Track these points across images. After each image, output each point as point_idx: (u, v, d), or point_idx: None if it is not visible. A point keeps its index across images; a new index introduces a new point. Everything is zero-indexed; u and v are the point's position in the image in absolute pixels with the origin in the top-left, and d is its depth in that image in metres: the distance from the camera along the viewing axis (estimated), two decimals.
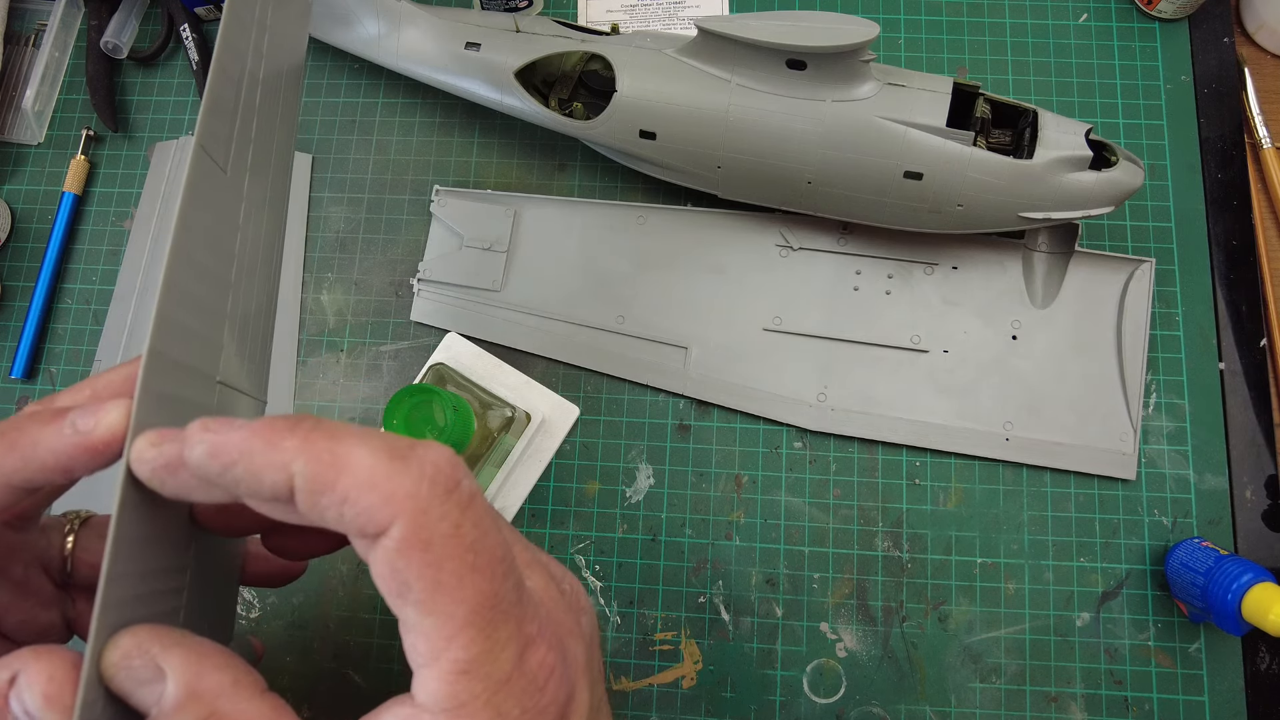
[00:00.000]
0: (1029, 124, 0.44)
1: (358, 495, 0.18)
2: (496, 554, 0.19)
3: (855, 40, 0.39)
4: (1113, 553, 0.47)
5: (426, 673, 0.19)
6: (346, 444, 0.18)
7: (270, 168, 0.30)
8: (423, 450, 0.19)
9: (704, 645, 0.47)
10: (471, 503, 0.19)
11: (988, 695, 0.46)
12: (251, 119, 0.29)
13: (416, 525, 0.18)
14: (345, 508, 0.18)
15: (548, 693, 0.20)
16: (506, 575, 0.20)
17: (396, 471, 0.18)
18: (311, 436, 0.18)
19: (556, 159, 0.55)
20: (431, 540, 0.18)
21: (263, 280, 0.30)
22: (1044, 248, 0.49)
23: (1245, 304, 0.50)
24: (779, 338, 0.50)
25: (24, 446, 0.21)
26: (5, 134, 0.57)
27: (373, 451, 0.18)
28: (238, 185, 0.27)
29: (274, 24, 0.31)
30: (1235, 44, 0.54)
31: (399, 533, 0.18)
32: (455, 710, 0.19)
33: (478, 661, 0.19)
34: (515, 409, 0.48)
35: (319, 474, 0.18)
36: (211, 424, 0.19)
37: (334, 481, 0.18)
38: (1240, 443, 0.48)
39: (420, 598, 0.18)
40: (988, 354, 0.49)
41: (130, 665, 0.19)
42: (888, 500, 0.48)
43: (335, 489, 0.18)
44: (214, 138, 0.25)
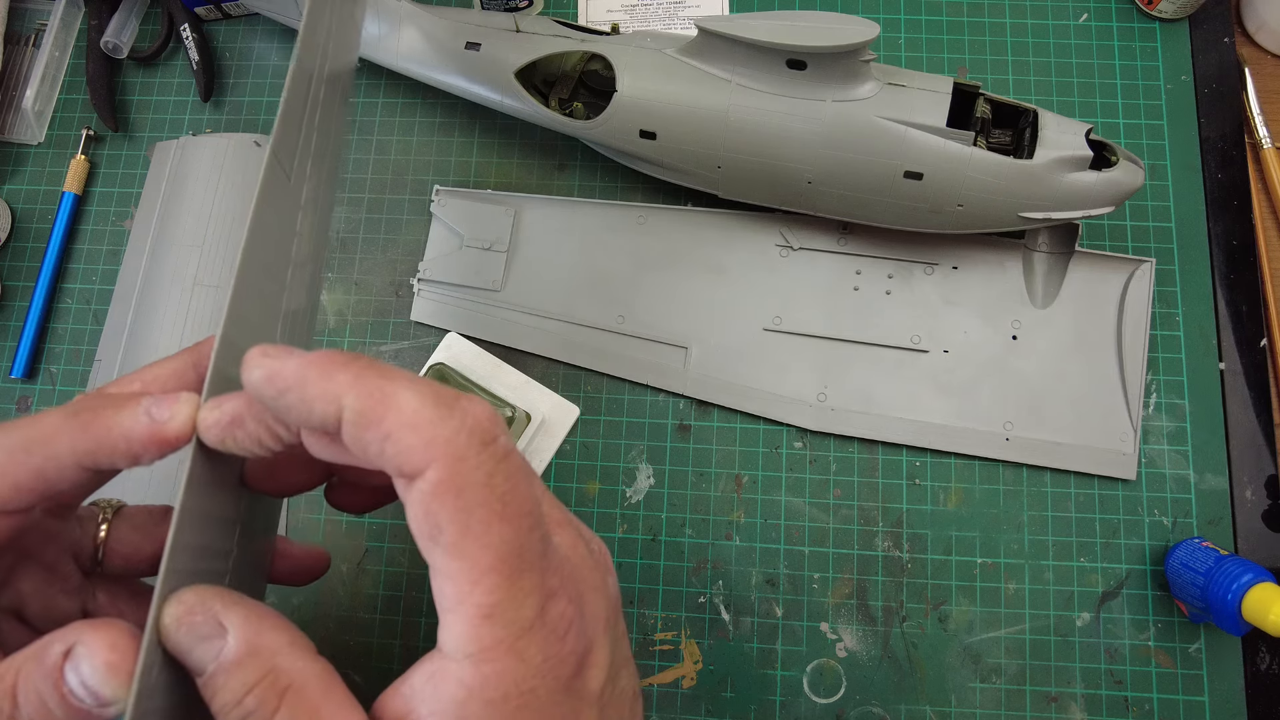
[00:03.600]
0: (1029, 124, 0.44)
1: (400, 434, 0.19)
2: (525, 507, 0.20)
3: (855, 40, 0.39)
4: (1113, 553, 0.47)
5: (451, 617, 0.20)
6: (396, 384, 0.19)
7: (324, 170, 0.32)
8: (466, 403, 0.20)
9: (704, 645, 0.47)
10: (506, 457, 0.20)
11: (988, 695, 0.46)
12: (313, 125, 0.30)
13: (452, 471, 0.19)
14: (387, 444, 0.19)
15: (567, 643, 0.21)
16: (533, 528, 0.20)
17: (440, 418, 0.19)
18: (364, 373, 0.19)
19: (556, 159, 0.55)
20: (464, 487, 0.19)
21: (311, 279, 0.31)
22: (1044, 248, 0.49)
23: (1245, 304, 0.50)
24: (779, 338, 0.50)
25: (98, 429, 0.21)
26: (5, 134, 0.57)
27: (419, 395, 0.19)
28: (298, 191, 0.28)
29: (336, 30, 0.32)
30: (1235, 44, 0.54)
31: (434, 475, 0.19)
32: (479, 654, 0.19)
33: (501, 606, 0.19)
34: (515, 409, 0.48)
35: (367, 409, 0.19)
36: (270, 350, 0.20)
37: (380, 418, 0.19)
38: (1240, 443, 0.48)
39: (450, 540, 0.19)
40: (988, 354, 0.49)
41: (193, 620, 0.20)
42: (888, 500, 0.48)
43: (380, 426, 0.19)
44: (285, 147, 0.27)
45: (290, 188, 0.28)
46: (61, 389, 0.53)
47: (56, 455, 0.21)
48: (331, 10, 0.32)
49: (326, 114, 0.32)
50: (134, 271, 0.53)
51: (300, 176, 0.29)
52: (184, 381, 0.25)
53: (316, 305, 0.33)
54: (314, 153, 0.30)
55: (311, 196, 0.31)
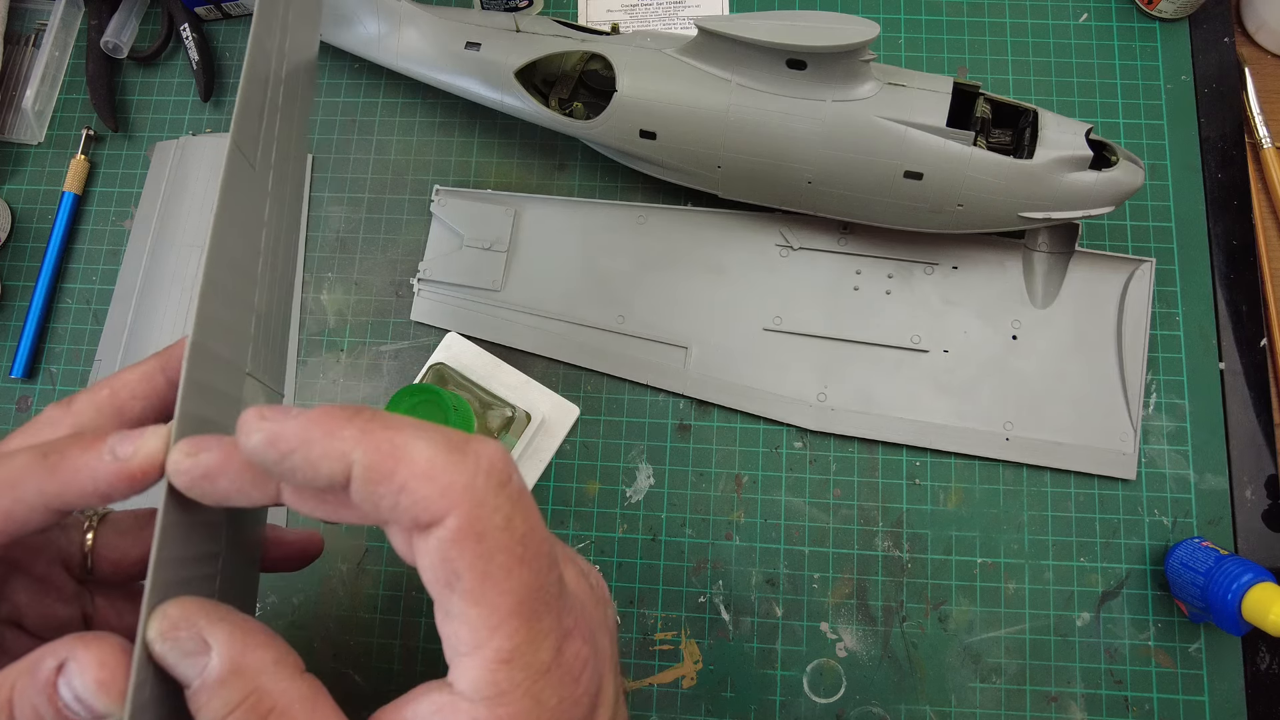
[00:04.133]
0: (1029, 124, 0.44)
1: (416, 485, 0.18)
2: (543, 548, 0.20)
3: (855, 40, 0.39)
4: (1113, 552, 0.47)
5: (468, 661, 0.19)
6: (405, 435, 0.19)
7: (289, 164, 0.32)
8: (478, 445, 0.19)
9: (704, 645, 0.47)
10: (521, 497, 0.20)
11: (988, 695, 0.46)
12: (275, 117, 0.30)
13: (472, 517, 0.18)
14: (402, 497, 0.18)
15: (582, 683, 0.21)
16: (551, 568, 0.20)
17: (454, 464, 0.19)
18: (369, 427, 0.19)
19: (556, 159, 0.55)
20: (485, 532, 0.19)
21: (283, 274, 0.31)
22: (1044, 247, 0.49)
23: (1245, 304, 0.50)
24: (779, 337, 0.50)
25: (65, 472, 0.21)
26: (5, 134, 0.57)
27: (431, 443, 0.19)
28: (263, 182, 0.28)
29: (292, 25, 0.32)
30: (1235, 44, 0.54)
31: (455, 523, 0.18)
32: (495, 698, 0.19)
33: (520, 651, 0.19)
34: (515, 409, 0.48)
35: (378, 463, 0.18)
36: (267, 412, 0.19)
37: (392, 471, 0.18)
38: (1240, 442, 0.48)
39: (469, 587, 0.19)
40: (988, 354, 0.49)
41: (177, 636, 0.19)
42: (888, 500, 0.48)
43: (394, 479, 0.18)
44: (246, 136, 0.26)
45: (255, 177, 0.27)
46: (61, 389, 0.53)
47: (25, 499, 0.21)
48: (284, 4, 0.32)
49: (288, 99, 0.32)
50: (134, 271, 0.53)
51: (265, 165, 0.29)
52: (153, 386, 0.25)
53: (291, 298, 0.33)
54: (277, 139, 0.30)
55: (279, 184, 0.30)
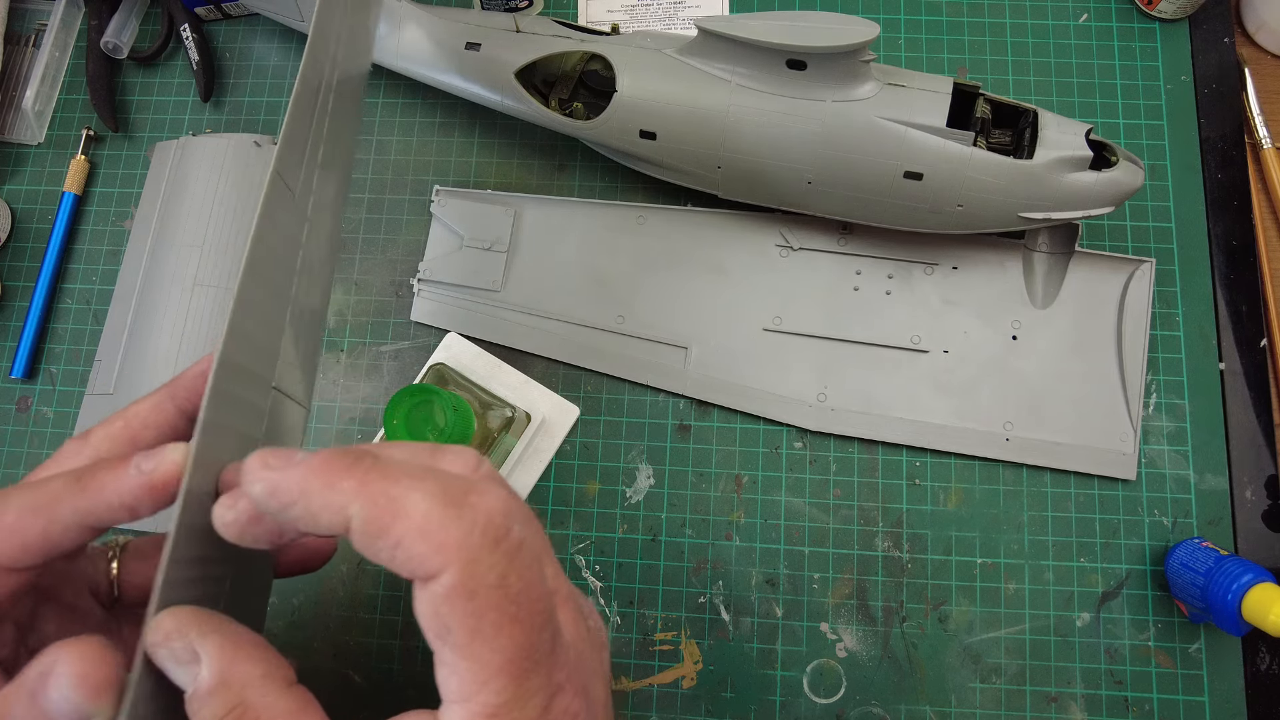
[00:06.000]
0: (1029, 124, 0.44)
1: (411, 542, 0.19)
2: (538, 605, 0.20)
3: (855, 40, 0.39)
4: (1113, 553, 0.47)
5: (456, 709, 0.19)
6: (403, 487, 0.19)
7: (334, 176, 0.32)
8: (476, 497, 0.19)
9: (704, 645, 0.47)
10: (519, 551, 0.20)
11: (988, 695, 0.46)
12: (321, 134, 0.30)
13: (465, 575, 0.19)
14: (398, 551, 0.19)
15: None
16: (544, 626, 0.20)
17: (450, 520, 0.19)
18: (368, 478, 0.19)
19: (556, 159, 0.55)
20: (477, 590, 0.19)
21: (319, 288, 0.31)
22: (1044, 248, 0.49)
23: (1245, 304, 0.50)
24: (779, 338, 0.50)
25: (95, 490, 0.22)
26: (5, 134, 0.57)
27: (428, 497, 0.19)
28: (303, 205, 0.28)
29: (347, 36, 0.32)
30: (1235, 44, 0.54)
31: (448, 580, 0.19)
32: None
33: (506, 707, 0.19)
34: (515, 409, 0.48)
35: (375, 518, 0.19)
36: (271, 459, 0.20)
37: (389, 526, 0.19)
38: (1240, 443, 0.48)
39: (459, 642, 0.19)
40: (988, 354, 0.49)
41: (170, 646, 0.20)
42: (888, 500, 0.48)
43: (390, 534, 0.19)
44: (289, 162, 0.27)
45: (295, 202, 0.28)
46: (61, 389, 0.53)
47: (60, 518, 0.22)
48: (341, 16, 0.32)
49: (337, 121, 0.32)
50: (134, 272, 0.53)
51: (306, 188, 0.29)
52: (164, 415, 0.25)
53: (327, 304, 0.33)
54: (321, 162, 0.30)
55: (320, 204, 0.30)
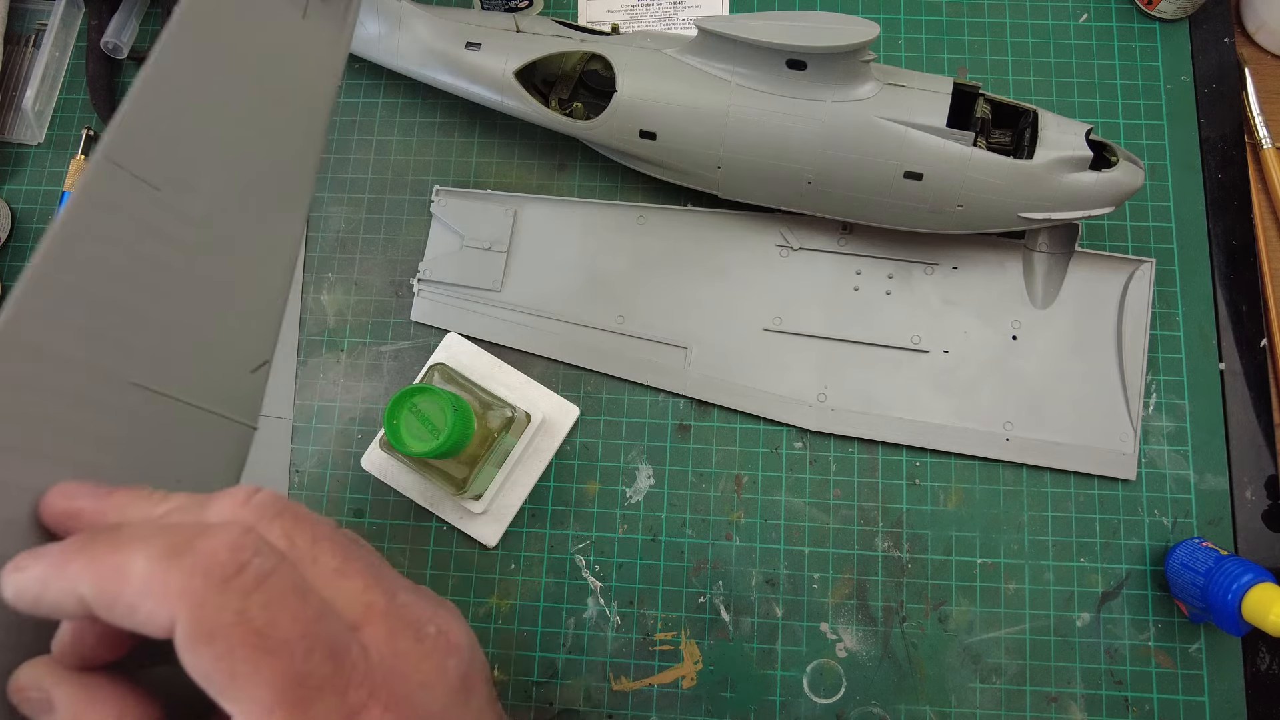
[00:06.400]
0: (1029, 124, 0.44)
1: (139, 602, 0.18)
2: (295, 632, 0.19)
3: (855, 40, 0.39)
4: (1113, 553, 0.47)
5: None
6: (127, 552, 0.19)
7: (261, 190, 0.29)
8: (202, 541, 0.19)
9: (704, 645, 0.47)
10: (260, 585, 0.19)
11: (988, 695, 0.46)
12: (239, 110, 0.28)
13: (194, 619, 0.18)
14: (136, 616, 0.18)
15: None
16: (310, 651, 0.19)
17: (169, 569, 0.18)
18: (96, 554, 0.19)
19: (556, 159, 0.55)
20: (214, 631, 0.18)
21: (256, 285, 0.29)
22: (1044, 248, 0.49)
23: (1245, 304, 0.50)
24: (779, 338, 0.50)
25: None
26: (5, 134, 0.57)
27: (148, 556, 0.19)
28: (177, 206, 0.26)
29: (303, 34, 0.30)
30: (1235, 44, 0.54)
31: (181, 629, 0.18)
32: None
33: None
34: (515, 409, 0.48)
35: (103, 590, 0.19)
36: (22, 560, 0.20)
37: (118, 594, 0.18)
38: (1240, 443, 0.48)
39: (221, 687, 0.18)
40: (988, 354, 0.49)
41: (27, 696, 0.20)
42: (888, 500, 0.48)
43: (121, 601, 0.18)
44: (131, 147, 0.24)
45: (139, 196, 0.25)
46: None
47: None
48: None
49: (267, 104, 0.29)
50: None
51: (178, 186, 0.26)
52: None
53: (275, 301, 0.30)
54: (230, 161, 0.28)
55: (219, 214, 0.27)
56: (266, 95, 0.30)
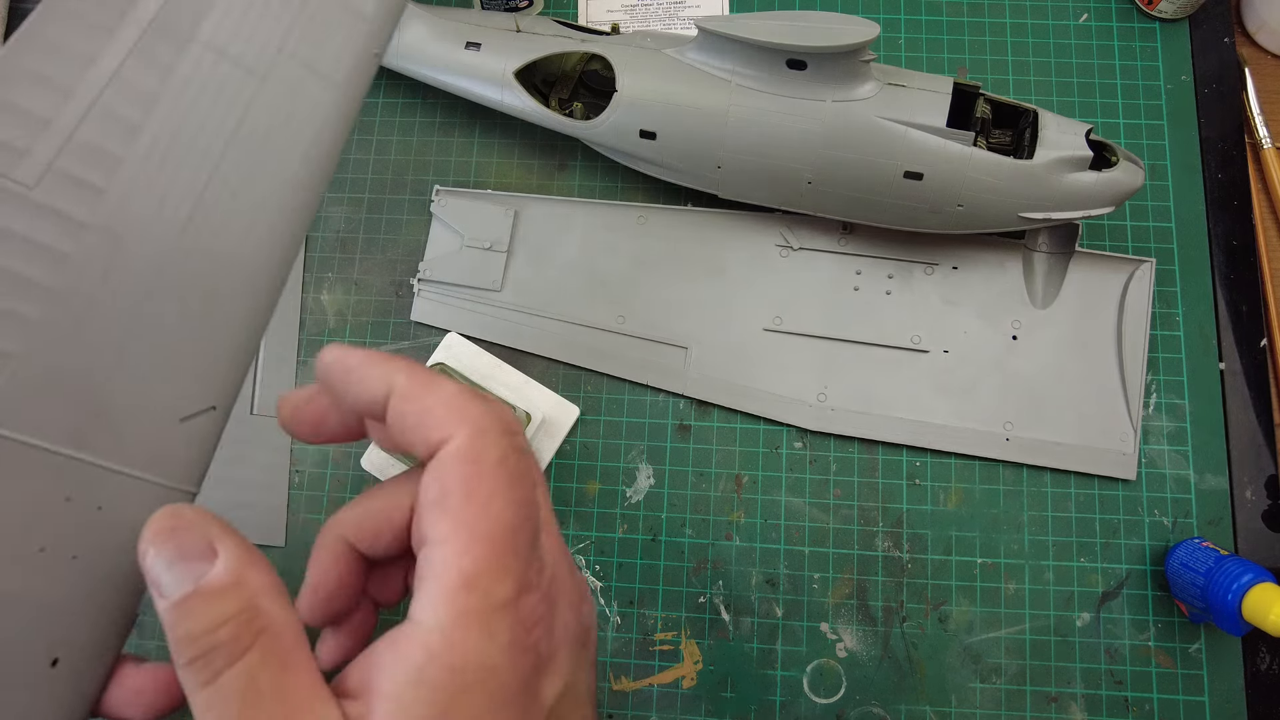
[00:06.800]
0: (1029, 124, 0.44)
1: (435, 409, 0.21)
2: (527, 496, 0.21)
3: (855, 40, 0.39)
4: (1113, 553, 0.47)
5: (431, 584, 0.20)
6: (440, 378, 0.22)
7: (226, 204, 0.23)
8: (497, 402, 0.22)
9: (704, 645, 0.47)
10: (523, 452, 0.22)
11: (988, 695, 0.46)
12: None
13: (473, 440, 0.21)
14: (425, 416, 0.21)
15: (534, 635, 0.21)
16: (528, 519, 0.21)
17: (471, 401, 0.21)
18: (415, 368, 0.22)
19: (556, 159, 0.55)
20: (480, 457, 0.21)
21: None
22: (1044, 248, 0.49)
23: (1245, 304, 0.50)
24: (779, 338, 0.50)
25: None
26: None
27: (459, 387, 0.22)
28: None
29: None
30: (1236, 44, 0.54)
31: (457, 443, 0.21)
32: (449, 621, 0.19)
33: (481, 578, 0.20)
34: (515, 409, 0.48)
35: (411, 388, 0.21)
36: (340, 346, 0.23)
37: (421, 395, 0.21)
38: (1240, 443, 0.48)
39: (453, 504, 0.20)
40: (988, 354, 0.49)
41: (183, 536, 0.19)
42: (888, 500, 0.48)
43: (420, 401, 0.21)
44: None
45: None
46: None
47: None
48: None
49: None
50: None
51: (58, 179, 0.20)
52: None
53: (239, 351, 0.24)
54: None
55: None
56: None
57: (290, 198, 0.24)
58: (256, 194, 0.23)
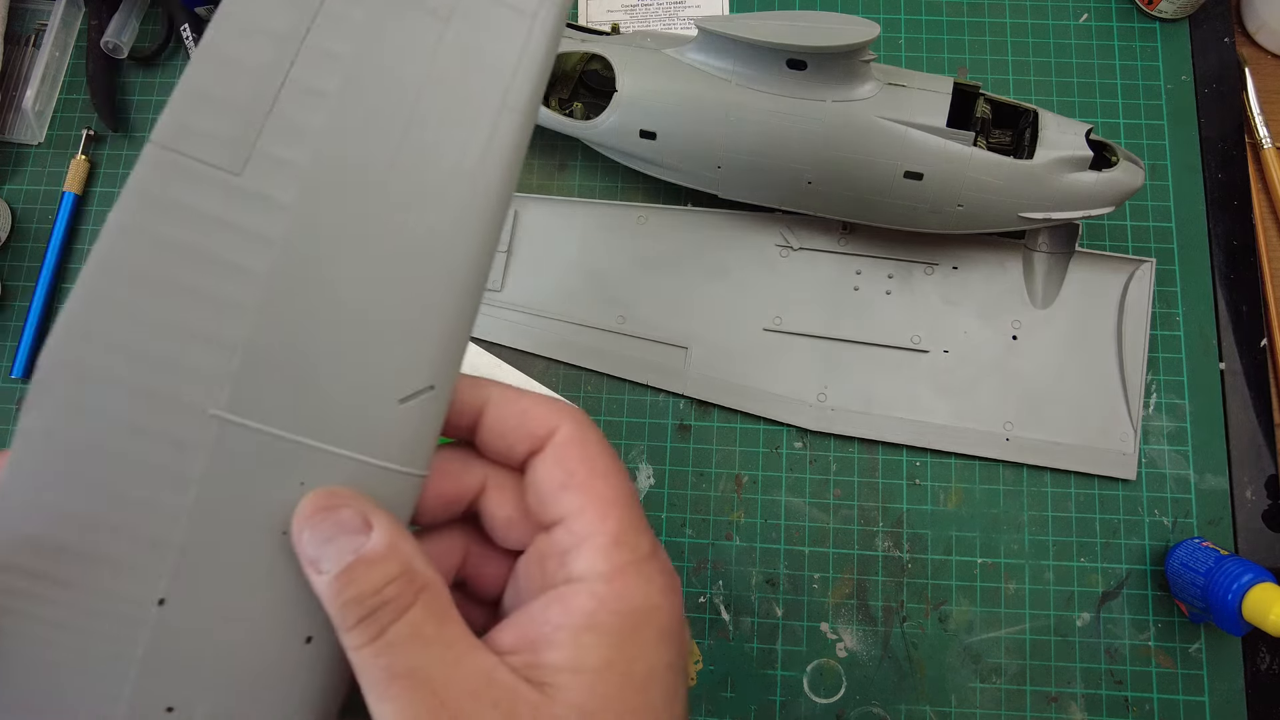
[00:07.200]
0: (1029, 124, 0.44)
1: (531, 407, 0.24)
2: (624, 467, 0.24)
3: (855, 40, 0.39)
4: (1113, 553, 0.47)
5: (586, 547, 0.22)
6: (521, 388, 0.25)
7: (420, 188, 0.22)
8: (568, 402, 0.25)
9: (704, 645, 0.47)
10: (602, 439, 0.24)
11: (988, 695, 0.46)
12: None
13: (579, 425, 0.24)
14: (525, 416, 0.24)
15: (674, 579, 0.24)
16: (634, 489, 0.24)
17: (557, 400, 0.24)
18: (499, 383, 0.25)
19: (556, 159, 0.55)
20: (588, 440, 0.23)
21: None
22: (1044, 248, 0.49)
23: (1246, 304, 0.50)
24: (779, 338, 0.50)
25: None
26: (6, 134, 0.57)
27: (538, 392, 0.25)
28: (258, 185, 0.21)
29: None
30: (1235, 44, 0.54)
31: (566, 430, 0.23)
32: (610, 574, 0.22)
33: (626, 535, 0.23)
34: None
35: (506, 394, 0.24)
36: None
37: (517, 399, 0.24)
38: (1240, 443, 0.48)
39: (580, 481, 0.23)
40: (988, 354, 0.49)
41: (342, 513, 0.21)
42: (888, 500, 0.48)
43: (517, 404, 0.24)
44: (195, 128, 0.20)
45: (239, 183, 0.20)
46: None
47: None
48: None
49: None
50: None
51: (265, 167, 0.21)
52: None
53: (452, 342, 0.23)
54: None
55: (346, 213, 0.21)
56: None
57: (487, 145, 0.22)
58: (452, 144, 0.22)
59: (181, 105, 0.20)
